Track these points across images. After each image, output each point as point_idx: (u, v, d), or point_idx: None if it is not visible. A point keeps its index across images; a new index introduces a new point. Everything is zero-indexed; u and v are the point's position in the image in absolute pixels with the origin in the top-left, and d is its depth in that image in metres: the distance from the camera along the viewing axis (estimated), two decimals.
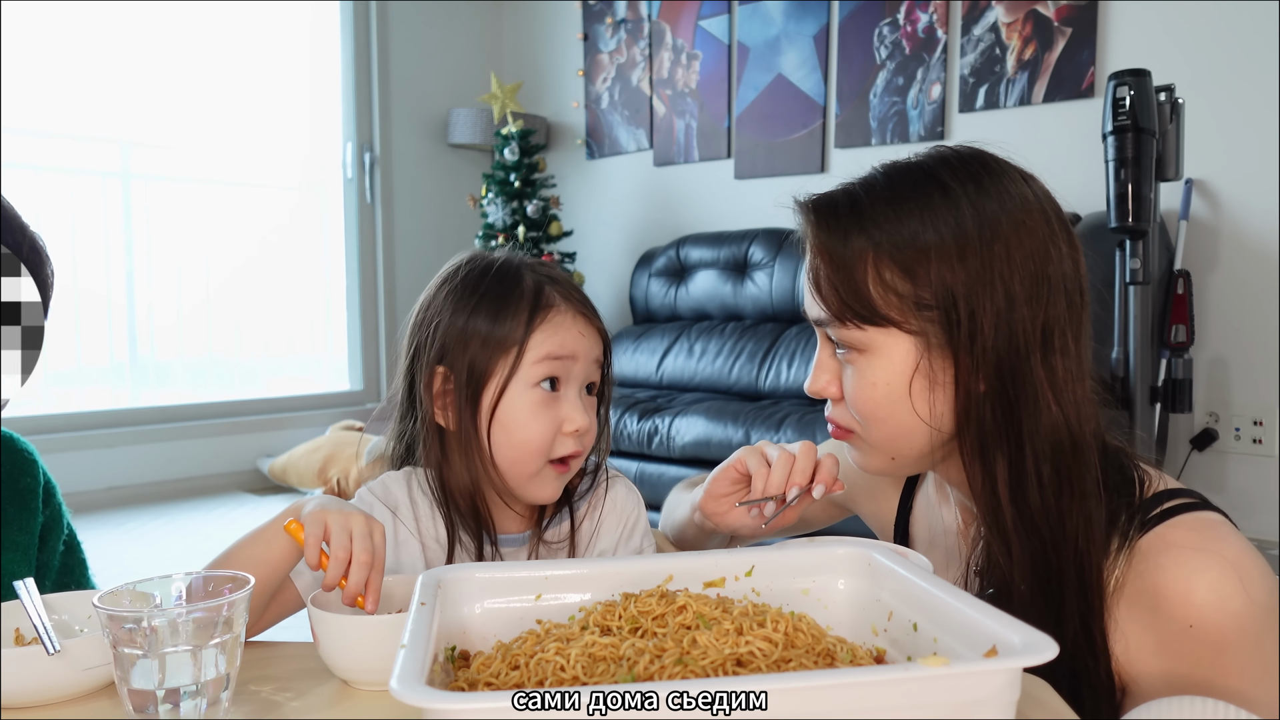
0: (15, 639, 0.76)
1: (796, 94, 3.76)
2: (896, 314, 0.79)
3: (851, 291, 0.79)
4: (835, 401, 0.87)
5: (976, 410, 0.78)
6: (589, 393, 0.98)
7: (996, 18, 3.22)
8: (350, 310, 4.44)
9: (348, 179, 4.38)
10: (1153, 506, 0.77)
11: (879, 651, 0.66)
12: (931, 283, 0.78)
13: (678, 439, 2.95)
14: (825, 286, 0.81)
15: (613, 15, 4.35)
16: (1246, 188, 2.78)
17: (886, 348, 0.80)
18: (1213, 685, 0.73)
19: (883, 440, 0.84)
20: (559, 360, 0.94)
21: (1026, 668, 0.52)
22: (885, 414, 0.82)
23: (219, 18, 3.99)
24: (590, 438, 0.97)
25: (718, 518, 0.97)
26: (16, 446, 1.12)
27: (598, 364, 0.98)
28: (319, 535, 0.82)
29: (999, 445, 0.78)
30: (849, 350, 0.82)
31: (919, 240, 0.78)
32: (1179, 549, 0.74)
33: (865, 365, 0.81)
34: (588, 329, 0.97)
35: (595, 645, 0.60)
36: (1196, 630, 0.73)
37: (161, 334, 4.01)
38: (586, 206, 4.52)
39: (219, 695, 0.64)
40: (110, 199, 3.84)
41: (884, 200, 0.80)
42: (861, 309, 0.79)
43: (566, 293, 0.98)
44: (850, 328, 0.80)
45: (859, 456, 0.88)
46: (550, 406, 0.94)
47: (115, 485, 3.66)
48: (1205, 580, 0.72)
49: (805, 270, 0.85)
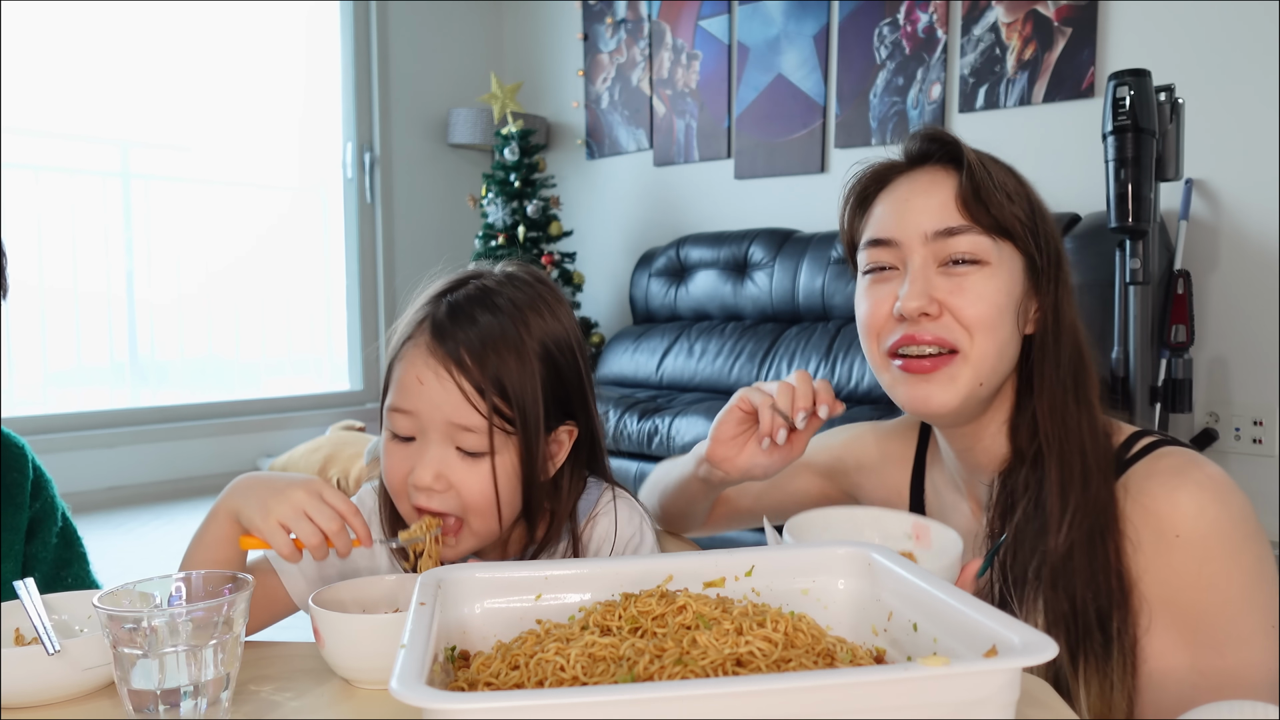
0: (15, 639, 0.76)
1: (796, 94, 3.76)
2: (1017, 233, 0.89)
3: (997, 202, 0.87)
4: (931, 320, 0.87)
5: (1041, 336, 0.90)
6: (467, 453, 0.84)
7: (996, 18, 3.22)
8: (350, 310, 4.44)
9: (348, 179, 4.38)
10: (1129, 448, 0.88)
11: (879, 651, 0.66)
12: (1035, 216, 0.90)
13: (678, 439, 2.95)
14: (973, 197, 0.87)
15: (613, 15, 4.35)
16: (1246, 188, 2.78)
17: (1006, 262, 0.88)
18: (1200, 597, 0.80)
19: (986, 355, 0.88)
20: (401, 414, 0.85)
21: (1026, 668, 0.52)
22: (997, 324, 0.87)
23: (219, 18, 3.99)
24: (459, 503, 0.85)
25: (728, 463, 0.95)
26: (6, 441, 1.11)
27: (476, 433, 0.83)
28: (285, 541, 0.81)
29: (1049, 369, 0.88)
30: (969, 264, 0.87)
31: (1027, 188, 0.91)
32: (1162, 474, 0.84)
33: (986, 276, 0.87)
34: (446, 386, 0.82)
35: (595, 645, 0.60)
36: (1183, 539, 0.81)
37: (161, 334, 4.01)
38: (586, 206, 4.52)
39: (219, 695, 0.64)
40: (110, 199, 3.84)
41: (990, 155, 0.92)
42: (1002, 223, 0.88)
43: (445, 336, 0.83)
44: (983, 235, 0.87)
45: (944, 391, 0.88)
46: (406, 450, 0.86)
47: (115, 485, 3.66)
48: (1186, 493, 0.82)
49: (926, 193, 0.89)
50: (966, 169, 0.88)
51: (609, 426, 3.13)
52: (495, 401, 0.83)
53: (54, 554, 1.14)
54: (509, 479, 0.86)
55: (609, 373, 3.79)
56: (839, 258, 3.27)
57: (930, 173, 0.91)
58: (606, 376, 3.79)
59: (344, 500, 0.83)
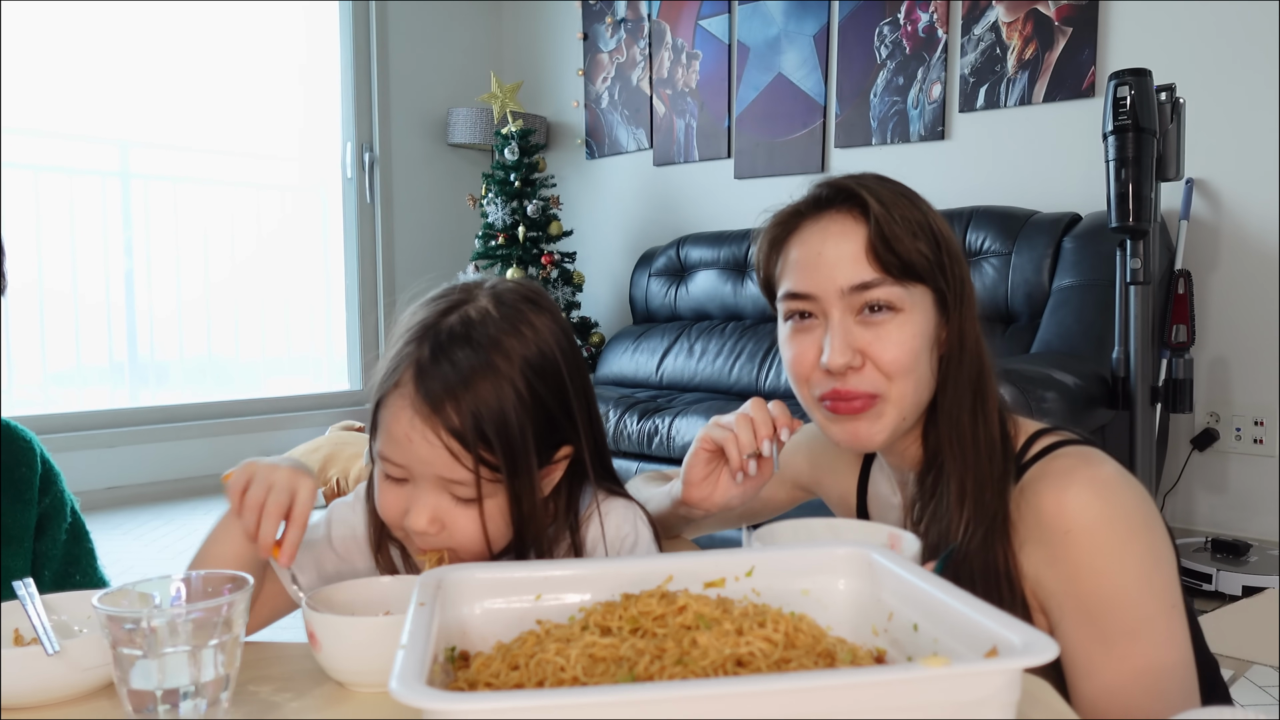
0: (15, 639, 0.76)
1: (796, 94, 3.76)
2: (925, 274, 0.92)
3: (906, 252, 0.91)
4: (855, 372, 0.92)
5: (946, 359, 0.95)
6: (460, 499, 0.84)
7: (997, 17, 3.22)
8: (350, 310, 4.44)
9: (347, 179, 4.38)
10: (1027, 450, 0.93)
11: (879, 652, 0.66)
12: (940, 250, 0.93)
13: (678, 439, 2.95)
14: (882, 247, 0.91)
15: (613, 15, 4.35)
16: (1247, 187, 2.77)
17: (917, 303, 0.93)
18: (1099, 586, 0.84)
19: (906, 395, 0.93)
20: (392, 464, 0.84)
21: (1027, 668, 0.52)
22: (913, 366, 0.92)
23: (219, 18, 3.99)
24: (455, 541, 0.85)
25: (706, 501, 0.99)
26: (14, 435, 1.10)
27: (465, 485, 0.83)
28: (240, 485, 0.83)
29: (950, 389, 0.94)
30: (885, 312, 0.92)
31: (923, 218, 0.94)
32: (1051, 474, 0.89)
33: (901, 322, 0.92)
34: (431, 443, 0.81)
35: (595, 646, 0.60)
36: (1073, 535, 0.85)
37: (161, 334, 4.01)
38: (586, 206, 4.52)
39: (218, 696, 0.64)
40: (110, 199, 3.84)
41: (887, 191, 0.95)
42: (913, 270, 0.92)
43: (429, 389, 0.81)
44: (896, 285, 0.91)
45: (871, 426, 0.94)
46: (400, 489, 0.85)
47: (115, 485, 3.66)
48: (1072, 493, 0.86)
49: (837, 245, 0.93)
50: (874, 220, 0.91)
51: (609, 426, 3.13)
52: (482, 454, 0.82)
53: (63, 550, 1.13)
54: (500, 519, 0.86)
55: (609, 373, 3.79)
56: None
57: (839, 219, 0.94)
58: (606, 376, 3.79)
59: (305, 512, 0.83)
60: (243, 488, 0.83)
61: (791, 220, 0.99)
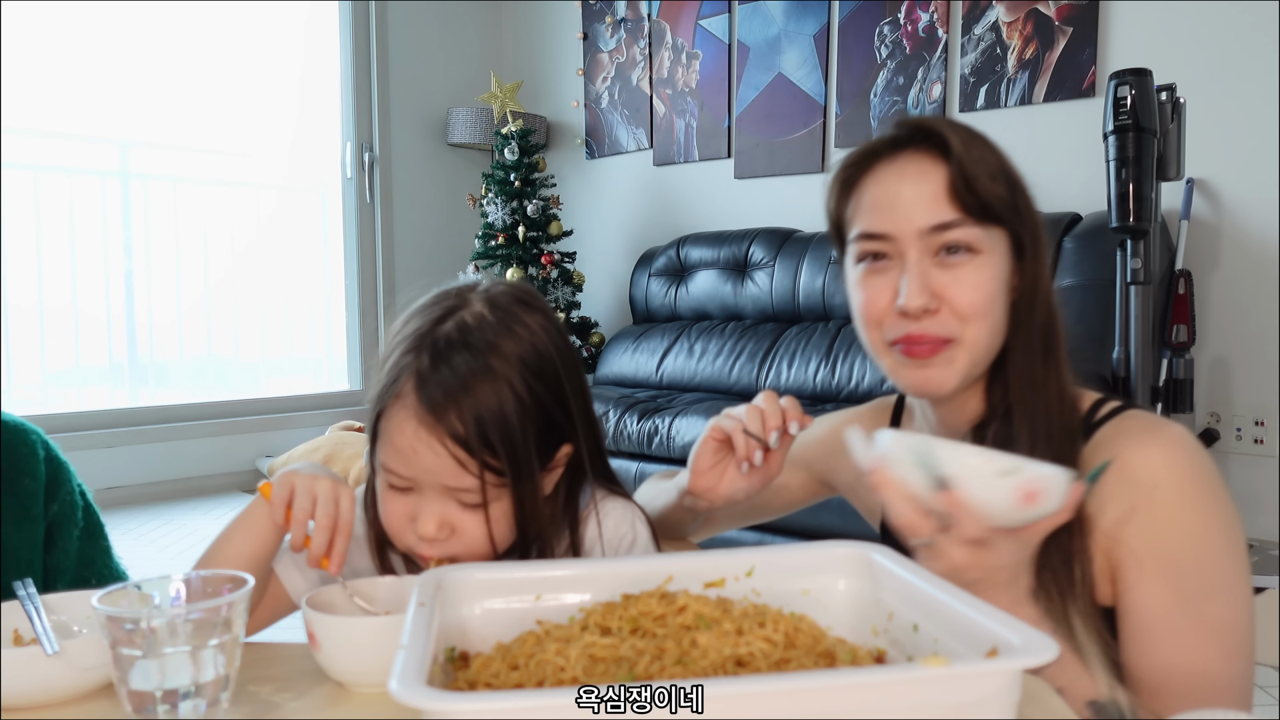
0: (14, 639, 0.76)
1: (797, 93, 3.76)
2: (1004, 216, 0.90)
3: (985, 191, 0.89)
4: (930, 315, 0.90)
5: (1018, 305, 0.93)
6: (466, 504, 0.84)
7: (997, 17, 3.22)
8: (350, 310, 4.45)
9: (347, 179, 4.38)
10: (1094, 413, 0.92)
11: (879, 652, 0.66)
12: (1015, 194, 0.91)
13: (678, 439, 2.95)
14: (963, 187, 0.89)
15: (613, 14, 4.35)
16: (1248, 187, 2.77)
17: (995, 246, 0.91)
18: (1186, 543, 0.83)
19: (980, 340, 0.91)
20: (396, 475, 0.85)
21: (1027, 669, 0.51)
22: (990, 310, 0.90)
23: (219, 18, 3.99)
24: (463, 546, 0.86)
25: (711, 492, 0.97)
26: (16, 435, 1.03)
27: (471, 491, 0.83)
28: (284, 497, 0.84)
29: (1022, 337, 0.92)
30: (963, 253, 0.90)
31: (999, 159, 0.92)
32: (1132, 432, 0.88)
33: (979, 265, 0.90)
34: (437, 452, 0.82)
35: (595, 646, 0.60)
36: (1162, 489, 0.84)
37: (161, 334, 4.01)
38: (586, 206, 4.51)
39: (218, 696, 0.64)
40: (110, 199, 3.84)
41: (966, 129, 0.93)
42: (990, 207, 0.89)
43: (433, 399, 0.81)
44: (975, 226, 0.89)
45: (943, 372, 0.91)
46: (405, 498, 0.86)
47: (115, 485, 3.66)
48: (1157, 447, 0.85)
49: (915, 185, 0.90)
50: (955, 159, 0.89)
51: (609, 426, 3.13)
52: (487, 459, 0.82)
53: (77, 554, 1.07)
54: (505, 522, 0.87)
55: (609, 373, 3.79)
56: (839, 258, 3.26)
57: (916, 159, 0.92)
58: (606, 376, 3.79)
59: (350, 521, 0.84)
60: (287, 500, 0.83)
61: (865, 161, 0.96)
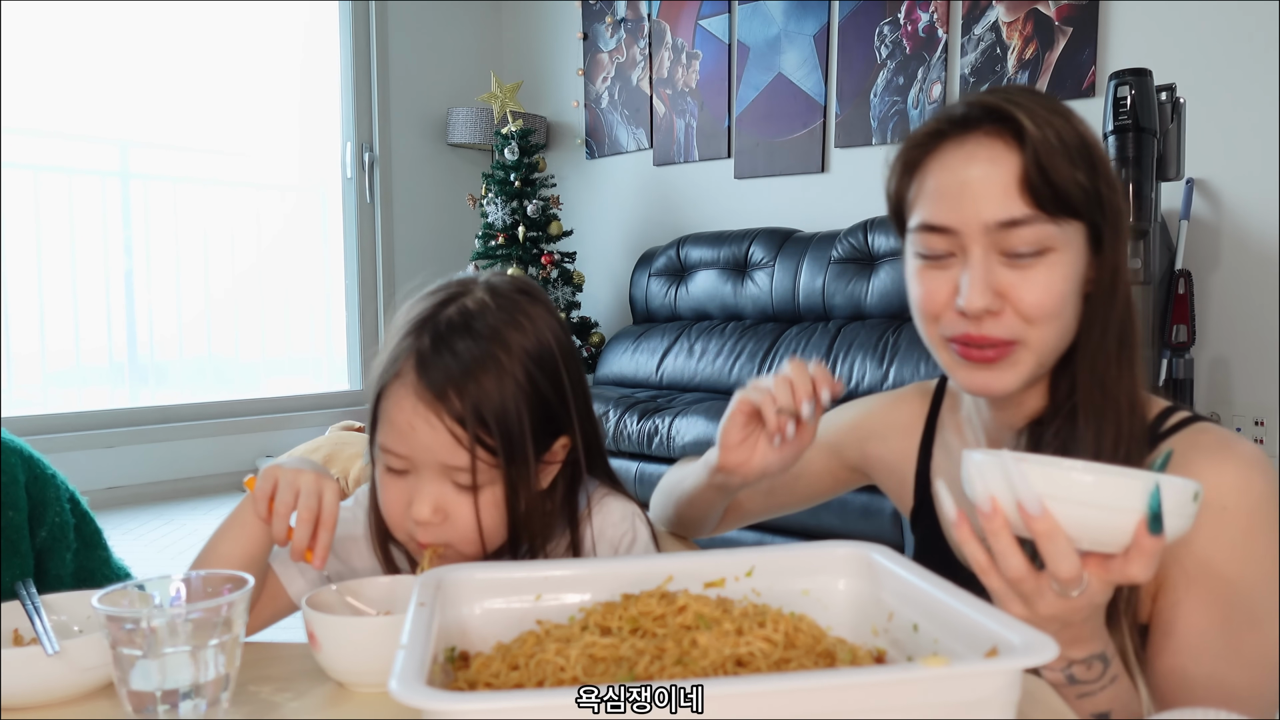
0: (14, 639, 0.76)
1: (797, 93, 3.76)
2: (1082, 207, 0.82)
3: (1063, 180, 0.81)
4: (993, 317, 0.83)
5: (1093, 298, 0.85)
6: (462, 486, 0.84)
7: (997, 17, 3.22)
8: (350, 310, 4.45)
9: (347, 179, 4.39)
10: (1163, 421, 0.86)
11: (879, 652, 0.66)
12: (1098, 179, 0.82)
13: (678, 439, 2.95)
14: (1038, 179, 0.80)
15: (613, 14, 4.35)
16: (1248, 187, 2.77)
17: (1070, 241, 0.83)
18: (1243, 570, 0.79)
19: (1046, 342, 0.84)
20: (395, 456, 0.85)
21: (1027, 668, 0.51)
22: (1060, 311, 0.83)
23: (219, 18, 3.99)
24: (457, 533, 0.85)
25: (744, 467, 0.92)
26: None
27: (464, 470, 0.83)
28: (267, 491, 0.84)
29: (1097, 332, 0.85)
30: (1033, 254, 0.82)
31: (1082, 135, 0.83)
32: (1206, 447, 0.82)
33: (1051, 263, 0.82)
34: (434, 429, 0.82)
35: (595, 646, 0.60)
36: (1229, 511, 0.79)
37: (161, 334, 4.01)
38: (586, 206, 4.51)
39: (218, 696, 0.64)
40: (110, 199, 3.84)
41: (1038, 105, 0.83)
42: (1067, 199, 0.81)
43: (432, 378, 0.82)
44: (1049, 222, 0.81)
45: (1003, 375, 0.85)
46: (402, 482, 0.86)
47: (115, 485, 3.66)
48: (1233, 467, 0.80)
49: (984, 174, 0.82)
50: (1030, 146, 0.80)
51: (609, 426, 3.13)
52: (481, 436, 0.83)
53: (72, 579, 1.04)
54: (497, 510, 0.86)
55: (609, 373, 3.79)
56: (840, 257, 3.27)
57: (987, 143, 0.83)
58: (606, 376, 3.79)
59: (333, 514, 0.84)
60: (270, 494, 0.84)
61: (930, 141, 0.86)
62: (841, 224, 3.36)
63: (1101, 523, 0.63)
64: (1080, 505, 0.63)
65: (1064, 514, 0.63)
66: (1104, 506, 0.62)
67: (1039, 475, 0.63)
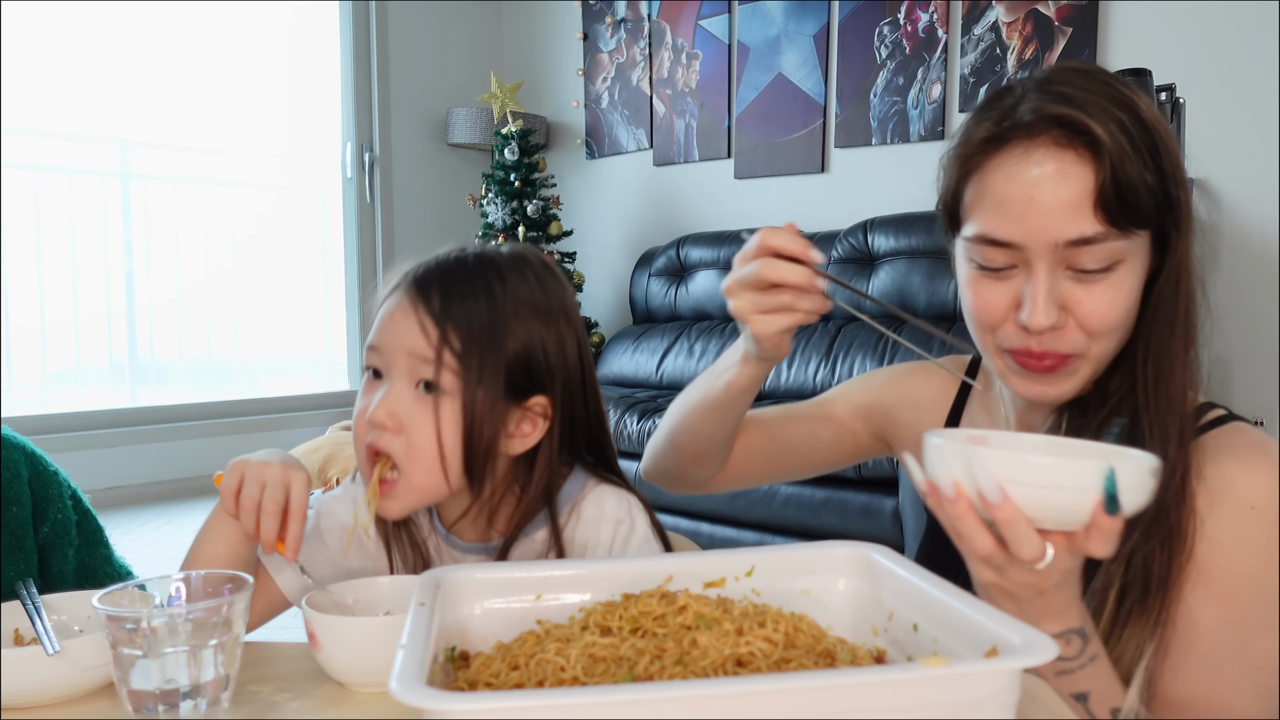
0: (15, 639, 0.76)
1: (796, 94, 3.76)
2: (1153, 214, 0.78)
3: (1137, 194, 0.76)
4: (1056, 332, 0.80)
5: (1159, 288, 0.81)
6: (428, 390, 0.84)
7: (997, 17, 3.22)
8: (350, 310, 4.45)
9: (347, 179, 4.39)
10: (1200, 415, 0.84)
11: (879, 652, 0.66)
12: (1165, 171, 0.77)
13: None
14: (1114, 198, 0.75)
15: (613, 15, 4.35)
16: (1247, 188, 2.78)
17: (1138, 252, 0.79)
18: (1262, 573, 0.77)
19: (1106, 351, 0.81)
20: (372, 350, 0.88)
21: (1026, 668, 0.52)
22: (1123, 323, 0.80)
23: (219, 18, 4.00)
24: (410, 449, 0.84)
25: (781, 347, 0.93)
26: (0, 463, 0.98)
27: (428, 363, 0.84)
28: (233, 485, 0.84)
29: (1162, 317, 0.81)
30: (1103, 269, 0.78)
31: (1148, 131, 0.77)
32: (1241, 445, 0.80)
33: (1119, 278, 0.78)
34: (409, 318, 0.85)
35: (595, 646, 0.60)
36: (1258, 512, 0.78)
37: (161, 334, 4.01)
38: (586, 206, 4.52)
39: (219, 695, 0.64)
40: (110, 199, 3.84)
41: (1107, 102, 0.77)
42: (1140, 213, 0.77)
43: (425, 276, 0.88)
44: (1121, 239, 0.77)
45: (1061, 385, 0.82)
46: (373, 388, 0.87)
47: (115, 485, 3.66)
48: (1266, 468, 0.78)
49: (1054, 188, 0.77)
50: (1109, 164, 0.75)
51: None
52: (449, 334, 0.84)
53: (74, 576, 1.04)
54: (454, 430, 0.85)
55: (609, 373, 3.79)
56: (839, 257, 3.26)
57: (1057, 153, 0.77)
58: (606, 377, 3.79)
59: (303, 504, 0.83)
60: (236, 488, 0.83)
61: (993, 141, 0.81)
62: (841, 224, 3.36)
63: (1061, 503, 0.64)
64: (1038, 488, 0.64)
65: (1023, 496, 0.64)
66: (1062, 488, 0.64)
67: (997, 460, 0.64)
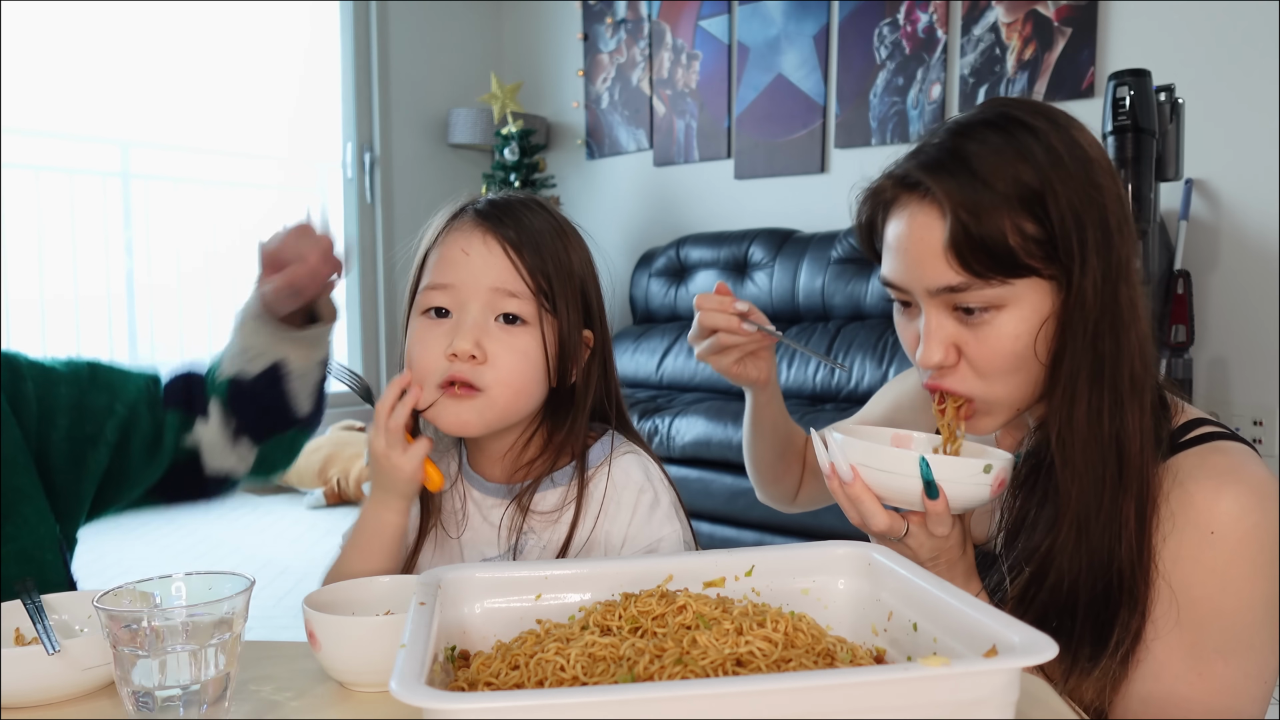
0: (15, 639, 0.76)
1: (796, 94, 3.76)
2: (1037, 261, 0.79)
3: (999, 247, 0.78)
4: (951, 370, 0.83)
5: (1074, 342, 0.81)
6: (507, 321, 0.87)
7: (996, 18, 3.22)
8: (350, 310, 4.45)
9: (348, 179, 4.39)
10: (1185, 431, 0.83)
11: (879, 651, 0.66)
12: (1051, 220, 0.78)
13: (678, 439, 2.95)
14: (969, 248, 0.78)
15: (613, 15, 4.35)
16: (1246, 188, 2.78)
17: (1026, 298, 0.80)
18: (1221, 599, 0.78)
19: (1009, 394, 0.83)
20: (439, 290, 0.88)
21: (1026, 667, 0.52)
22: (1017, 364, 0.82)
23: (219, 17, 4.00)
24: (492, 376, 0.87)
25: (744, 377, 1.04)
26: None
27: (508, 294, 0.86)
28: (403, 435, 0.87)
29: (1089, 372, 0.80)
30: (983, 311, 0.81)
31: (1034, 181, 0.79)
32: (1211, 468, 0.80)
33: (1003, 320, 0.81)
34: (489, 254, 0.86)
35: (595, 645, 0.60)
36: (1216, 538, 0.78)
37: (161, 334, 4.01)
38: (586, 206, 4.52)
39: (219, 695, 0.64)
40: (110, 199, 3.84)
41: (989, 152, 0.80)
42: (1010, 263, 0.79)
43: (490, 214, 0.88)
44: (994, 285, 0.79)
45: (977, 423, 0.86)
46: (437, 329, 0.88)
47: None
48: (1232, 493, 0.78)
49: (918, 241, 0.81)
50: (951, 219, 0.78)
51: None
52: (535, 269, 0.87)
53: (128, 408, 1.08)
54: (536, 360, 0.88)
55: None
56: (839, 257, 3.27)
57: (919, 207, 0.82)
58: None
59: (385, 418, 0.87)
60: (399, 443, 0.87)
61: (890, 191, 0.86)
62: (841, 224, 3.36)
63: (900, 486, 0.79)
64: (877, 471, 0.79)
65: (869, 477, 0.80)
66: (893, 472, 0.79)
67: (853, 447, 0.81)
